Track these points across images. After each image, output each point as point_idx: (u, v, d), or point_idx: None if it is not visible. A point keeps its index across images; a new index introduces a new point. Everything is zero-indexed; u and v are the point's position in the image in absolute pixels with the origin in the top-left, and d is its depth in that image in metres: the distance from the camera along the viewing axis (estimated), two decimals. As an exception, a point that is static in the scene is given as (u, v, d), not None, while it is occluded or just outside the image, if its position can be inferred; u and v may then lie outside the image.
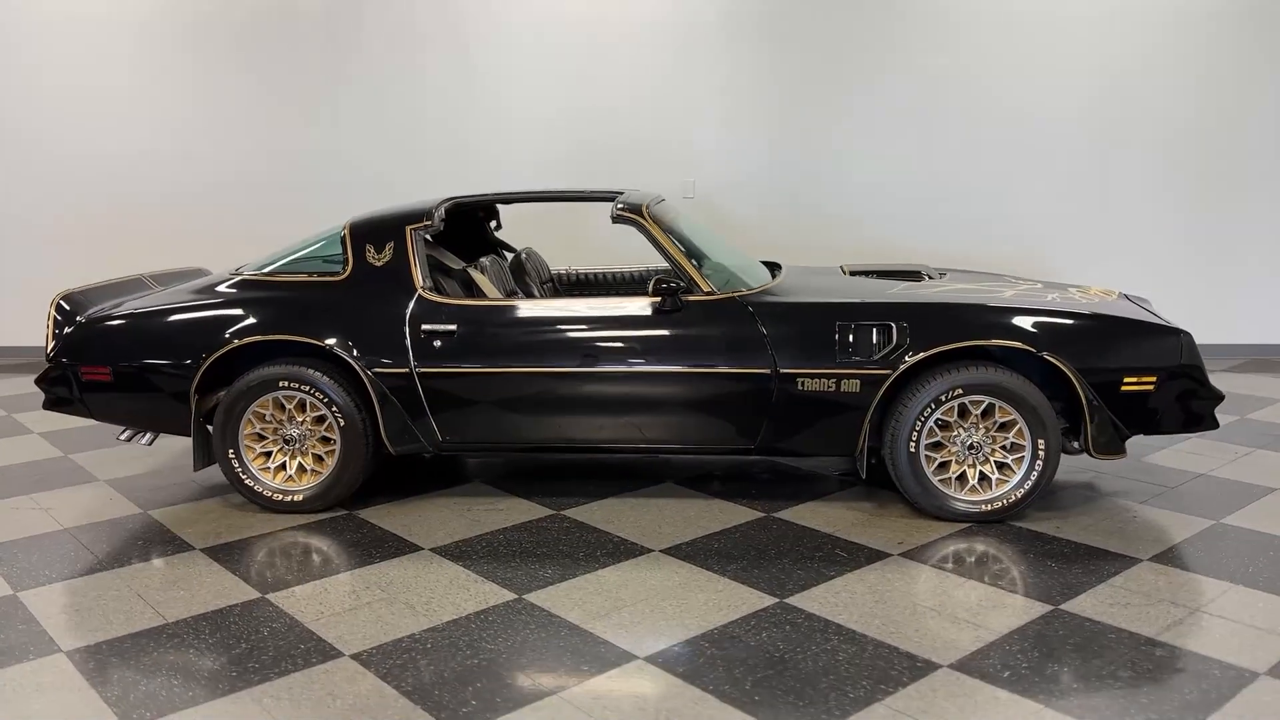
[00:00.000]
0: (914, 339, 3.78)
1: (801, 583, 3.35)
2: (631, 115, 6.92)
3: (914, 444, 3.82)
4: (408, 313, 3.99)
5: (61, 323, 4.18)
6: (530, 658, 2.87)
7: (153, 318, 4.12)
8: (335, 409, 3.98)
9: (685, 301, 3.93)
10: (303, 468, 4.09)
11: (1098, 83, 6.61)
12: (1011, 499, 3.83)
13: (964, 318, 3.81)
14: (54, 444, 5.20)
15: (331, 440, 4.04)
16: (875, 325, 3.82)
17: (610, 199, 4.45)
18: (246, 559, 3.64)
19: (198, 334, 4.04)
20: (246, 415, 4.02)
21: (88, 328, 4.13)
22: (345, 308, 4.04)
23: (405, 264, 4.07)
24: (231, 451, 4.04)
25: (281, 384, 3.98)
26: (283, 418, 4.05)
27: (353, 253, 4.12)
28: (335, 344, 3.97)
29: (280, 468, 4.09)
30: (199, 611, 3.21)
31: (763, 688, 2.69)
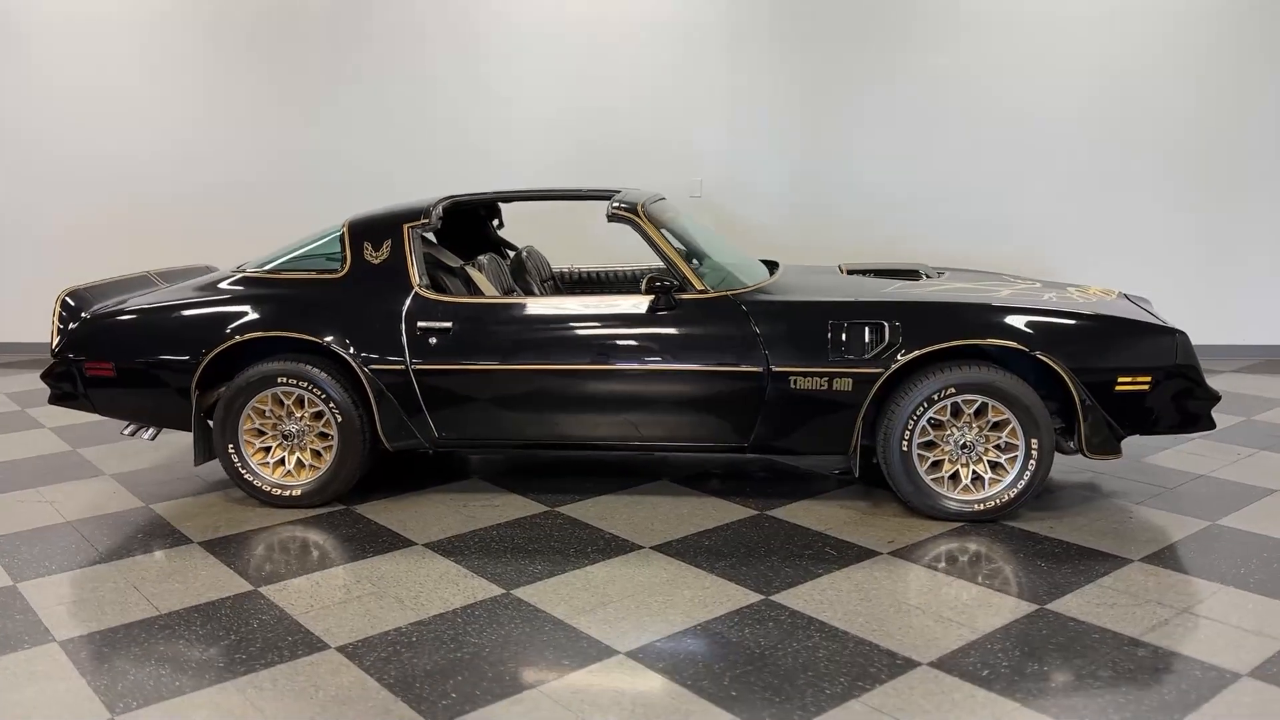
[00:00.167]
0: (906, 338, 3.78)
1: (788, 580, 3.36)
2: (638, 115, 6.94)
3: (906, 443, 3.82)
4: (404, 310, 4.03)
5: (66, 319, 4.25)
6: (512, 652, 2.90)
7: (155, 314, 4.18)
8: (333, 405, 4.03)
9: (678, 300, 3.95)
10: (301, 463, 4.14)
11: (1101, 83, 6.56)
12: (1004, 499, 3.82)
13: (957, 317, 3.81)
14: (63, 438, 5.28)
15: (329, 436, 4.08)
16: (867, 324, 3.82)
17: (608, 198, 4.47)
18: (242, 552, 3.69)
19: (198, 330, 4.09)
20: (246, 411, 4.07)
21: (91, 324, 4.19)
22: (343, 305, 4.08)
23: (402, 262, 4.11)
24: (231, 447, 4.10)
25: (280, 380, 4.03)
26: (281, 413, 4.10)
27: (351, 251, 4.16)
28: (333, 341, 4.01)
29: (279, 463, 4.14)
30: (192, 603, 3.26)
31: (740, 683, 2.70)
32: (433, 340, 3.99)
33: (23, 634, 3.05)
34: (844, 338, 3.82)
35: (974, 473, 3.87)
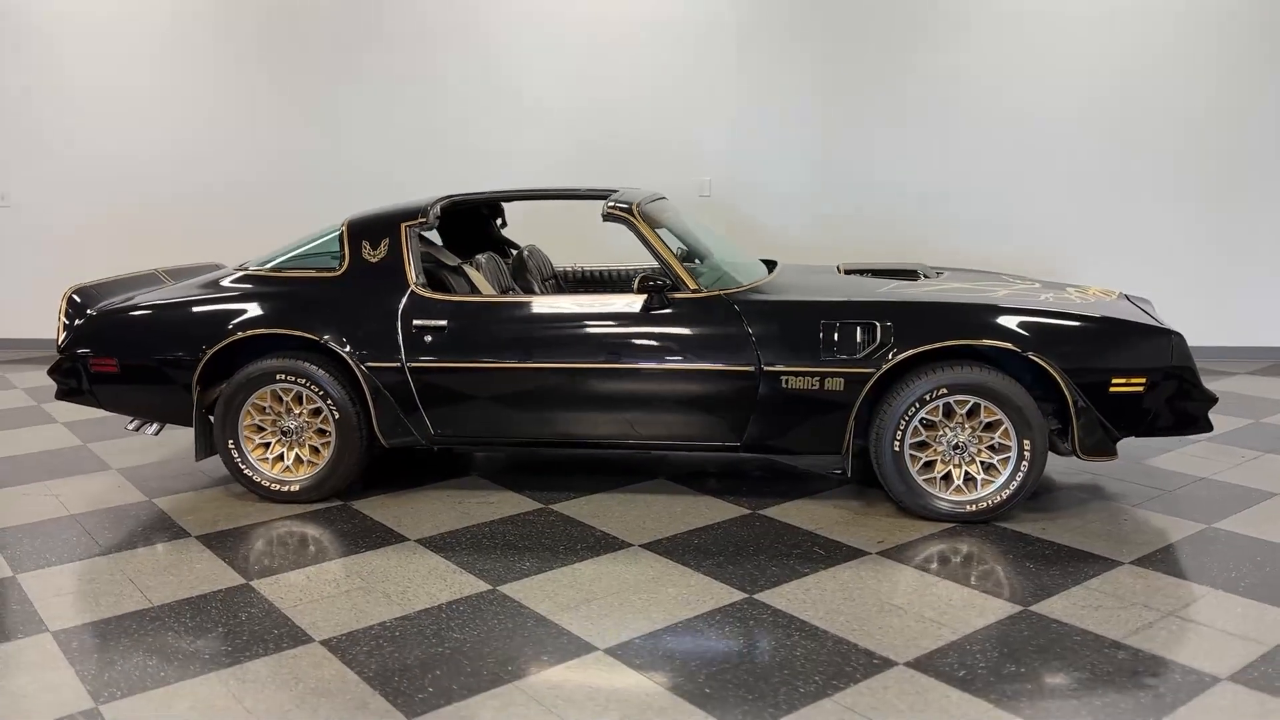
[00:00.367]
0: (898, 338, 3.78)
1: (774, 579, 3.37)
2: (646, 114, 6.95)
3: (898, 443, 3.82)
4: (400, 308, 4.07)
5: (73, 315, 4.33)
6: (493, 647, 2.93)
7: (157, 311, 4.24)
8: (330, 402, 4.07)
9: (671, 299, 3.96)
10: (300, 459, 4.19)
11: (1110, 82, 6.50)
12: (997, 499, 3.81)
13: (949, 317, 3.80)
14: (74, 433, 5.37)
15: (327, 432, 4.13)
16: (859, 324, 3.82)
17: (605, 197, 4.49)
18: (238, 547, 3.74)
19: (199, 327, 4.16)
20: (246, 407, 4.13)
21: (96, 320, 4.26)
22: (341, 303, 4.13)
23: (400, 260, 4.15)
24: (231, 442, 4.16)
25: (278, 377, 4.08)
26: (281, 410, 4.15)
27: (350, 249, 4.21)
28: (330, 338, 4.06)
29: (278, 458, 4.20)
30: (184, 596, 3.31)
31: (715, 681, 2.72)
32: (428, 338, 4.03)
33: (18, 624, 3.12)
34: (836, 337, 3.82)
35: (966, 473, 3.86)
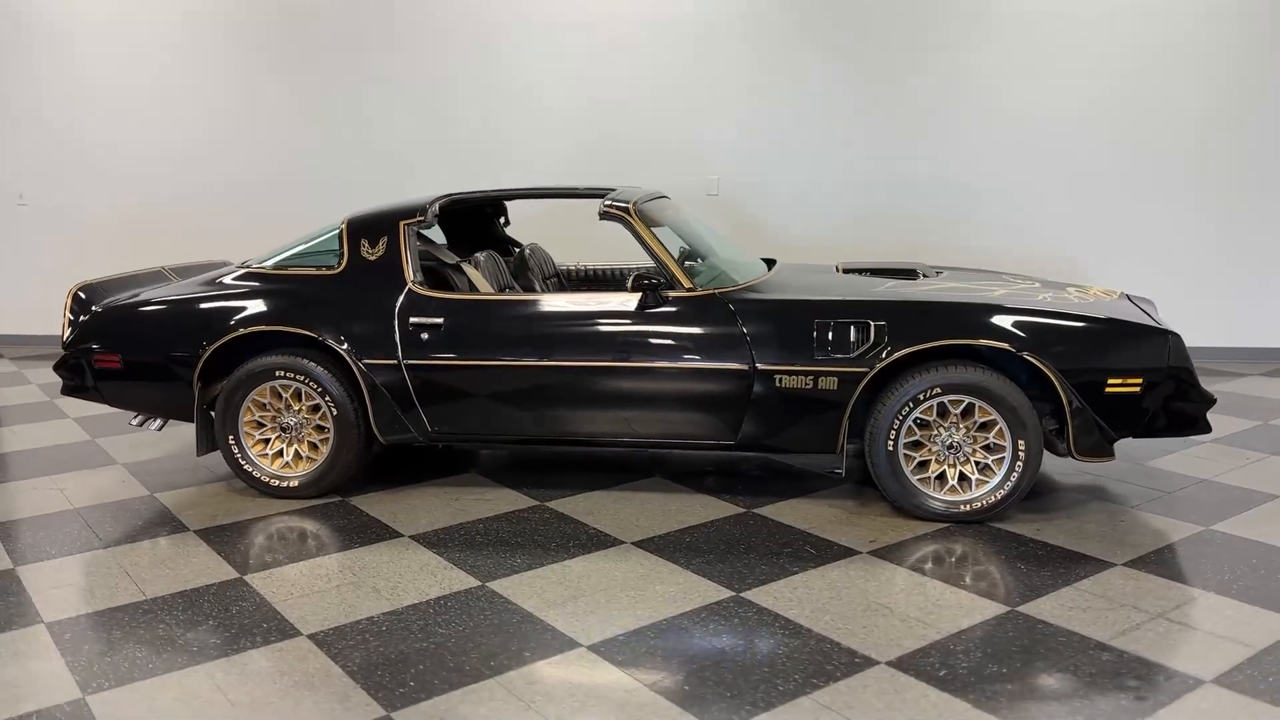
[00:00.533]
0: (892, 337, 3.77)
1: (762, 577, 3.37)
2: (654, 113, 6.95)
3: (892, 442, 3.81)
4: (397, 306, 4.10)
5: (78, 311, 4.39)
6: (478, 643, 2.95)
7: (159, 307, 4.29)
8: (329, 399, 4.11)
9: (665, 298, 3.97)
10: (299, 455, 4.23)
11: (1122, 83, 6.44)
12: (991, 500, 3.79)
13: (943, 317, 3.78)
14: (84, 428, 5.44)
15: (325, 429, 4.17)
16: (853, 323, 3.81)
17: (604, 196, 4.49)
18: (235, 541, 3.78)
19: (200, 323, 4.20)
20: (246, 403, 4.17)
21: (100, 317, 4.32)
22: (340, 301, 4.16)
23: (398, 258, 4.18)
24: (231, 438, 4.20)
25: (278, 374, 4.12)
26: (280, 406, 4.19)
27: (348, 247, 4.24)
28: (329, 336, 4.09)
29: (278, 454, 4.24)
30: (178, 589, 3.35)
31: (695, 678, 2.72)
32: (424, 336, 4.05)
33: (14, 615, 3.17)
34: (830, 337, 3.82)
35: (961, 473, 3.84)
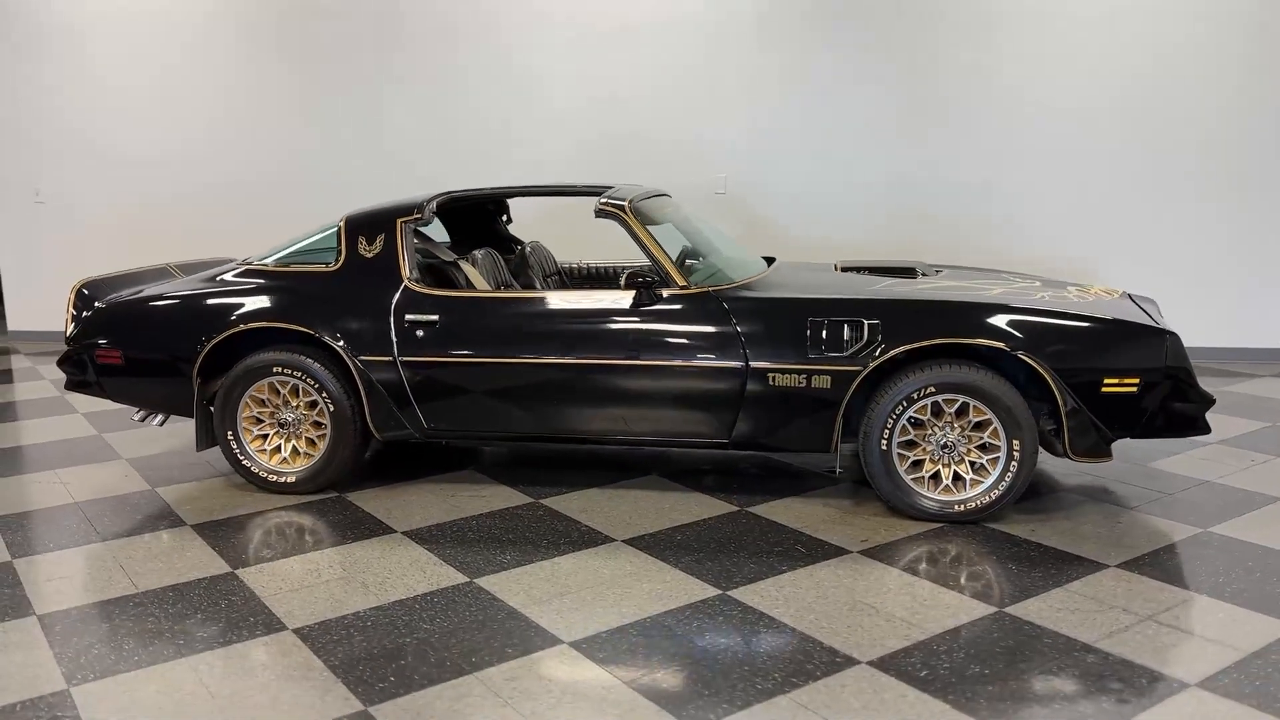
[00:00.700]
0: (886, 336, 3.75)
1: (750, 576, 3.36)
2: (663, 111, 6.94)
3: (886, 442, 3.79)
4: (393, 303, 4.12)
5: (81, 307, 4.44)
6: (460, 639, 2.96)
7: (159, 304, 4.33)
8: (325, 395, 4.13)
9: (659, 295, 3.96)
10: (297, 450, 4.26)
11: (1131, 81, 6.38)
12: (985, 500, 3.76)
13: (937, 316, 3.76)
14: (92, 423, 5.50)
15: (323, 425, 4.20)
16: (846, 322, 3.79)
17: (601, 193, 4.50)
18: (229, 536, 3.81)
19: (200, 320, 4.24)
20: (244, 399, 4.21)
21: (101, 313, 4.37)
22: (337, 298, 4.18)
23: (394, 256, 4.20)
24: (230, 433, 4.24)
25: (275, 370, 4.15)
26: (278, 402, 4.22)
27: (346, 245, 4.27)
28: (325, 333, 4.12)
29: (276, 450, 4.27)
30: (169, 583, 3.39)
31: (674, 676, 2.72)
32: (419, 333, 4.07)
33: (7, 607, 3.21)
34: (823, 335, 3.80)
35: (955, 473, 3.82)
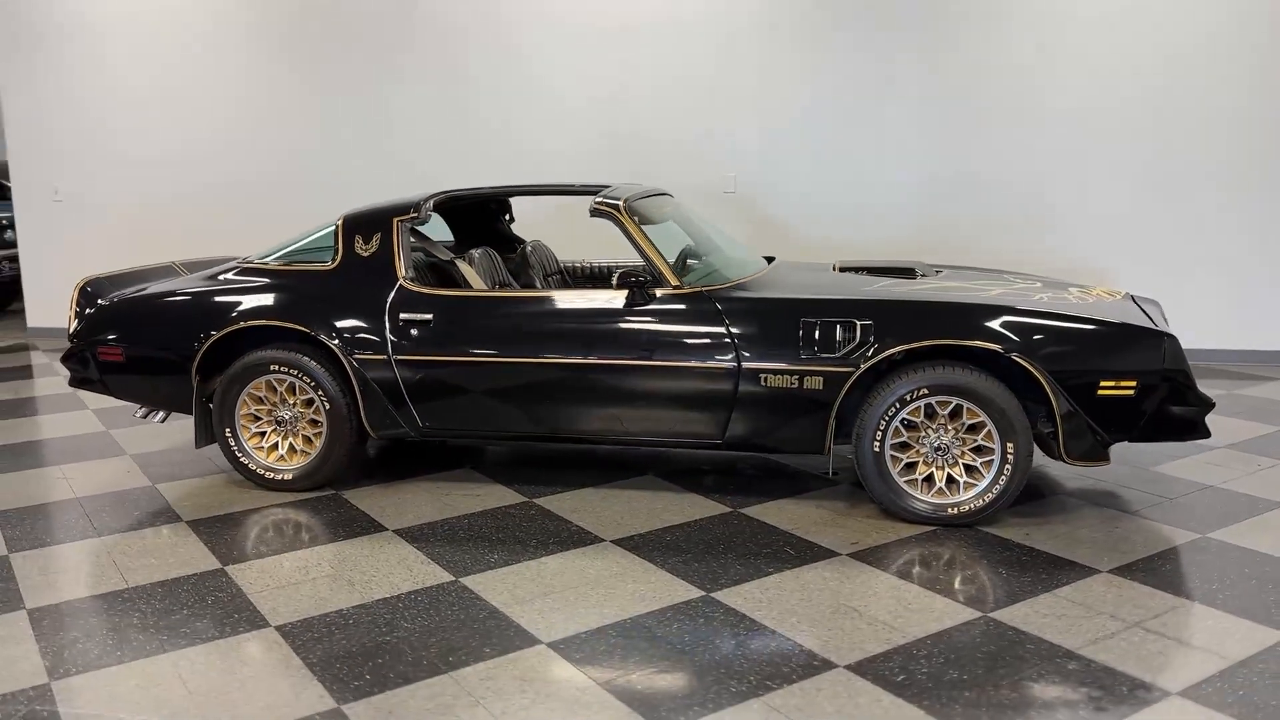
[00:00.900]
0: (879, 337, 3.72)
1: (736, 578, 3.34)
2: (672, 110, 6.93)
3: (879, 443, 3.76)
4: (388, 302, 4.13)
5: (84, 305, 4.49)
6: (440, 638, 2.96)
7: (160, 301, 4.37)
8: (322, 393, 4.16)
9: (652, 295, 3.95)
10: (294, 448, 4.29)
11: (1148, 81, 6.29)
12: (979, 503, 3.72)
13: (931, 317, 3.72)
14: (100, 419, 5.57)
15: (319, 423, 4.22)
16: (839, 323, 3.77)
17: (596, 193, 4.49)
18: (223, 532, 3.84)
19: (198, 318, 4.27)
20: (242, 397, 4.24)
21: (104, 310, 4.41)
22: (333, 296, 4.20)
23: (390, 255, 4.21)
24: (228, 431, 4.27)
25: (272, 368, 4.18)
26: (276, 400, 4.25)
27: (343, 243, 4.29)
28: (321, 331, 4.14)
29: (273, 447, 4.30)
30: (159, 579, 3.41)
31: (650, 678, 2.71)
32: (414, 332, 4.08)
33: (-2, 601, 3.26)
34: (816, 336, 3.78)
35: (949, 476, 3.78)
